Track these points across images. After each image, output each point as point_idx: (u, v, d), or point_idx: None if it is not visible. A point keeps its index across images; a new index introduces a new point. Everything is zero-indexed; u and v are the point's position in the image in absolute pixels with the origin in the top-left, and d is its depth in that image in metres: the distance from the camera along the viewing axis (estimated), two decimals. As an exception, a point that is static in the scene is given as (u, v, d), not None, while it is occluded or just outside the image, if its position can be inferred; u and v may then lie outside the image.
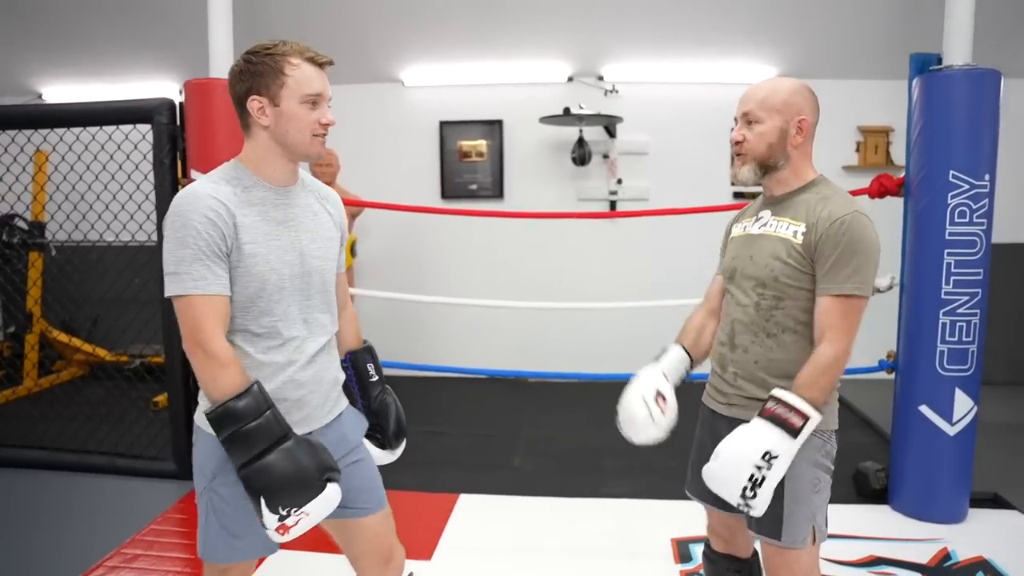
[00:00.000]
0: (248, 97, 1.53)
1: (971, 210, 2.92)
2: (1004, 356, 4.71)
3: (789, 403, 1.55)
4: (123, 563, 2.75)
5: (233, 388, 1.43)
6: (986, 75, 2.92)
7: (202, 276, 1.44)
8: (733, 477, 1.55)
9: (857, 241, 1.60)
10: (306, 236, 1.61)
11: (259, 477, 1.42)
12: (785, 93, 1.70)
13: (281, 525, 1.43)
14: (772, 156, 1.72)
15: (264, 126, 1.54)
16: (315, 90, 1.53)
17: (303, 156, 1.58)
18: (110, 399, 4.28)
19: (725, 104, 5.30)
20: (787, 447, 1.54)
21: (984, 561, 2.73)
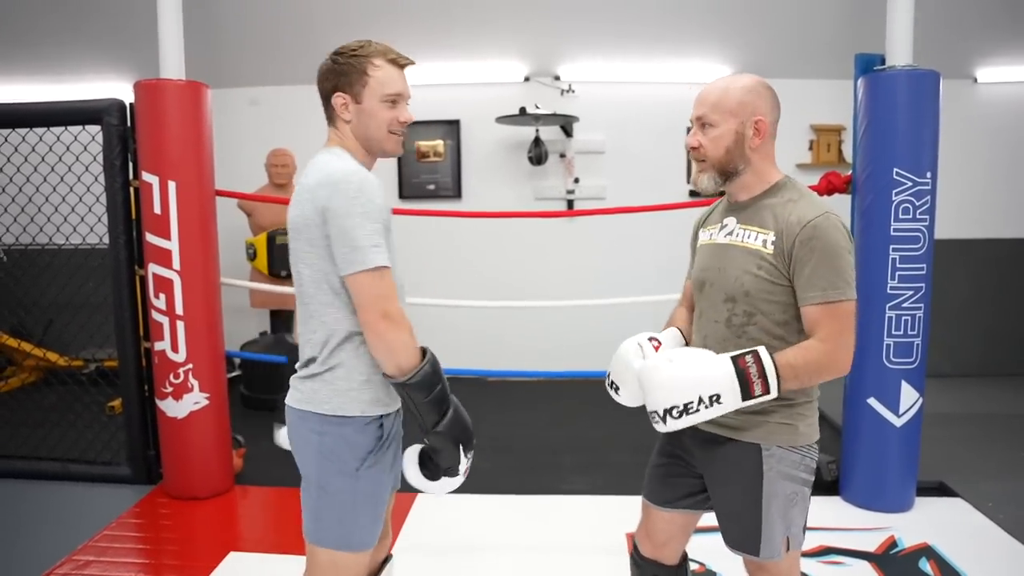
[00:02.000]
0: (334, 94, 1.62)
1: (914, 207, 3.01)
2: (947, 349, 4.85)
3: (763, 370, 1.48)
4: (74, 570, 2.70)
5: (419, 354, 1.56)
6: (926, 76, 3.01)
7: (385, 249, 1.53)
8: (674, 393, 1.50)
9: (832, 244, 1.52)
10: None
11: (456, 427, 1.59)
12: (739, 93, 1.62)
13: (466, 468, 1.64)
14: (731, 161, 1.63)
15: (347, 120, 1.63)
16: (395, 90, 1.63)
17: (379, 151, 1.67)
18: (63, 404, 4.20)
19: (680, 103, 5.37)
20: (732, 403, 1.49)
21: (928, 547, 2.82)
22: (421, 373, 1.53)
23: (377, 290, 1.51)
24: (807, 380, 1.54)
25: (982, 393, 5.07)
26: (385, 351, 1.53)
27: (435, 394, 1.56)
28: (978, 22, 4.95)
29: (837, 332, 1.52)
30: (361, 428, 1.60)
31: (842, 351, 1.53)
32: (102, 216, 3.52)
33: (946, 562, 2.71)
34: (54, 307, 4.30)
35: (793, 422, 1.63)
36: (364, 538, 1.65)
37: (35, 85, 5.32)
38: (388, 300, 1.52)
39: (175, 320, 3.23)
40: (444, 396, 1.58)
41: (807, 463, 1.66)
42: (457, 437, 1.59)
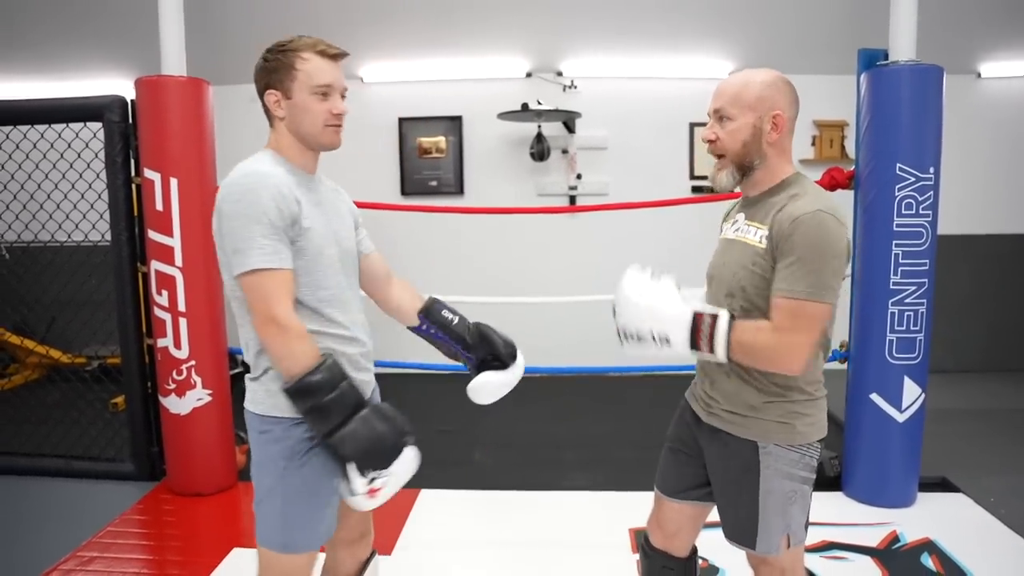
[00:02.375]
0: (266, 92, 1.62)
1: (917, 202, 3.00)
2: (950, 345, 4.85)
3: (714, 331, 1.53)
4: (78, 566, 2.71)
5: (311, 360, 1.48)
6: (930, 71, 3.00)
7: (273, 251, 1.49)
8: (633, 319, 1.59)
9: (815, 243, 1.48)
10: (336, 220, 1.68)
11: (345, 444, 1.49)
12: (758, 87, 1.60)
13: (371, 489, 1.50)
14: (747, 155, 1.62)
15: (280, 117, 1.62)
16: (325, 81, 1.59)
17: (318, 145, 1.64)
18: (66, 401, 4.21)
19: (682, 98, 5.44)
20: (681, 350, 1.56)
21: (930, 542, 2.82)
22: (301, 382, 1.47)
23: (260, 292, 1.49)
24: (753, 361, 1.56)
25: (984, 388, 5.06)
26: (272, 354, 1.52)
27: (321, 404, 1.48)
28: (981, 17, 4.93)
29: (791, 329, 1.50)
30: (288, 429, 1.57)
31: (792, 350, 1.51)
32: (104, 213, 3.53)
33: (948, 557, 2.71)
34: (57, 304, 4.31)
35: (790, 421, 1.62)
36: (299, 540, 1.61)
37: (37, 82, 5.31)
38: (272, 303, 1.48)
39: (177, 317, 3.23)
40: (335, 408, 1.49)
41: (807, 461, 1.64)
42: (348, 455, 1.50)
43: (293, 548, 1.61)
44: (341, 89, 1.63)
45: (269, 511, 1.61)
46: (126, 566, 2.71)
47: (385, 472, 1.52)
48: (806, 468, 1.65)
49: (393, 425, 1.55)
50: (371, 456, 1.50)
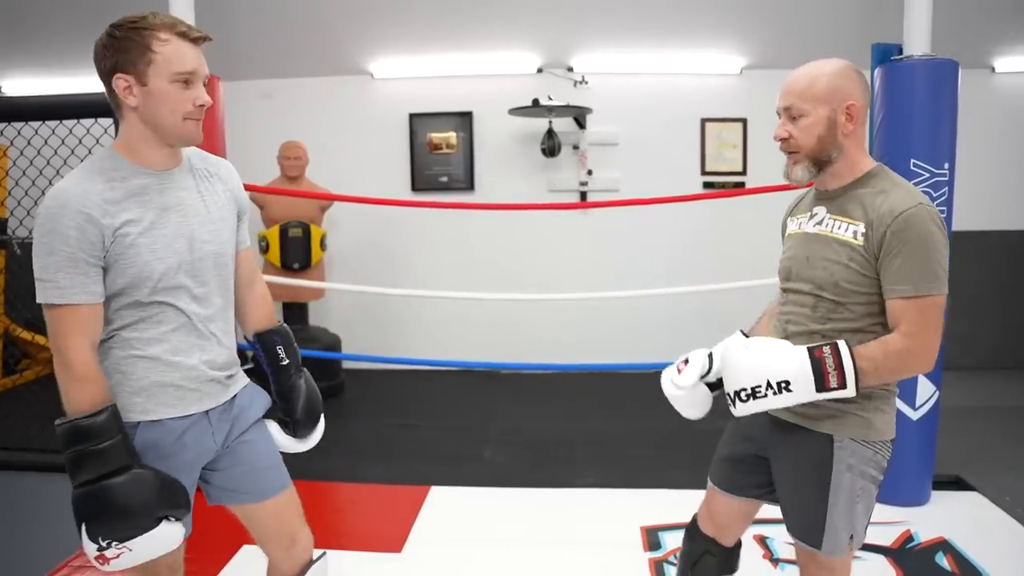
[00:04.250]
0: (113, 75, 1.41)
1: (932, 198, 2.96)
2: (964, 342, 4.79)
3: (840, 362, 1.44)
4: (88, 562, 2.71)
5: (84, 404, 1.38)
6: (944, 65, 2.96)
7: (68, 285, 1.38)
8: (746, 375, 1.49)
9: (924, 237, 1.47)
10: (195, 220, 1.52)
11: (84, 503, 1.37)
12: (828, 78, 1.56)
13: (100, 555, 1.37)
14: (824, 149, 1.58)
15: (132, 107, 1.43)
16: (187, 68, 1.42)
17: (176, 140, 1.48)
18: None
19: (694, 94, 5.41)
20: (803, 395, 1.46)
21: (944, 541, 2.79)
22: (65, 425, 1.37)
23: (52, 327, 1.41)
24: (887, 375, 1.51)
25: (999, 386, 5.02)
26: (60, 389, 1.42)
27: (78, 453, 1.36)
28: (995, 11, 4.88)
29: (922, 327, 1.47)
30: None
31: (927, 347, 1.49)
32: (115, 209, 3.52)
33: (963, 556, 2.68)
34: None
35: (868, 415, 1.59)
36: None
37: (48, 78, 5.34)
38: (60, 339, 1.39)
39: (188, 313, 3.22)
40: (89, 463, 1.36)
41: (879, 460, 1.61)
42: (83, 515, 1.37)
43: None
44: (204, 77, 1.47)
45: None
46: (137, 562, 2.71)
47: (119, 544, 1.37)
48: (877, 467, 1.61)
49: (148, 497, 1.39)
50: (102, 524, 1.36)
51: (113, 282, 1.43)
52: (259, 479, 1.67)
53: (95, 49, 1.44)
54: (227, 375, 1.62)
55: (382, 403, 4.77)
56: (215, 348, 1.58)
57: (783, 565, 2.64)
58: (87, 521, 1.37)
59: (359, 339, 5.08)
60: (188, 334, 1.52)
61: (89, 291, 1.40)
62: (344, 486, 3.31)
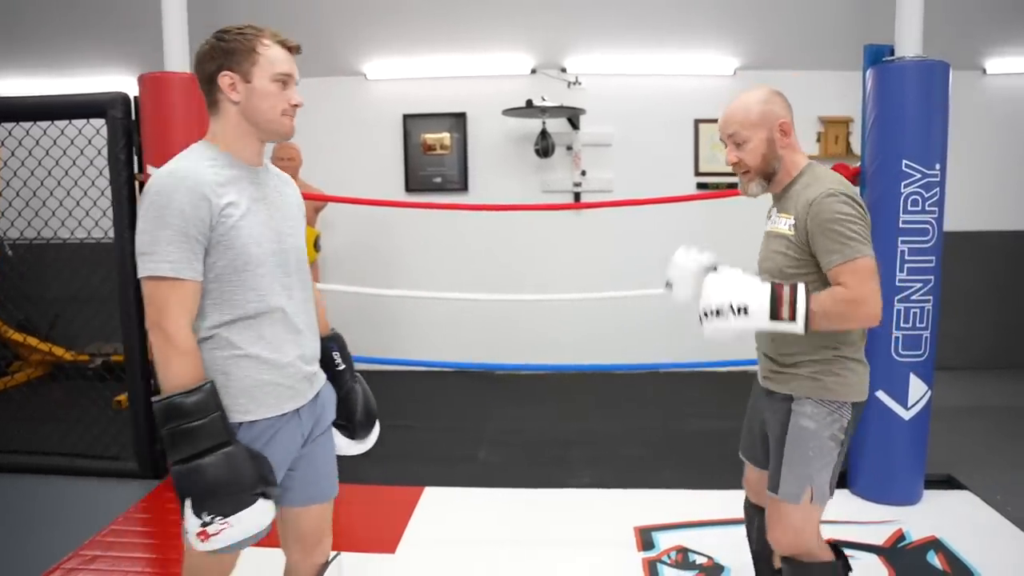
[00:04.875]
0: (219, 73, 1.53)
1: (923, 198, 2.98)
2: (955, 341, 4.81)
3: (794, 298, 1.66)
4: (81, 565, 2.71)
5: (185, 379, 1.42)
6: (936, 66, 2.98)
7: (177, 259, 1.43)
8: (714, 296, 1.71)
9: (834, 214, 1.71)
10: (278, 215, 1.61)
11: (189, 478, 1.40)
12: (758, 106, 1.85)
13: (202, 531, 1.40)
14: (768, 164, 1.87)
15: (235, 102, 1.54)
16: (286, 70, 1.56)
17: (273, 133, 1.59)
18: (70, 399, 4.21)
19: (687, 95, 5.41)
20: (761, 320, 1.67)
21: (936, 540, 2.80)
22: (167, 401, 1.41)
23: (156, 300, 1.44)
24: (836, 320, 1.71)
25: (991, 385, 5.04)
26: (155, 364, 1.46)
27: (180, 429, 1.40)
28: (987, 13, 4.90)
29: (859, 281, 1.69)
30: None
31: (867, 298, 1.69)
32: (107, 210, 3.52)
33: (954, 555, 2.69)
34: (60, 302, 4.31)
35: (823, 378, 1.82)
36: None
37: (40, 79, 5.32)
38: (164, 313, 1.43)
39: (181, 314, 3.21)
40: (192, 438, 1.41)
41: (835, 419, 1.82)
42: (188, 490, 1.41)
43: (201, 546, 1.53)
44: (296, 81, 1.60)
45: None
46: (129, 565, 2.71)
47: (223, 520, 1.41)
48: (832, 425, 1.82)
49: (249, 473, 1.44)
50: (210, 499, 1.40)
51: (212, 264, 1.49)
52: (318, 484, 1.74)
53: (199, 53, 1.57)
54: (314, 371, 1.70)
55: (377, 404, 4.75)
56: (305, 341, 1.65)
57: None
58: (193, 496, 1.40)
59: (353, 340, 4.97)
60: (283, 328, 1.58)
61: (195, 268, 1.46)
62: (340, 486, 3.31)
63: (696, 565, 2.66)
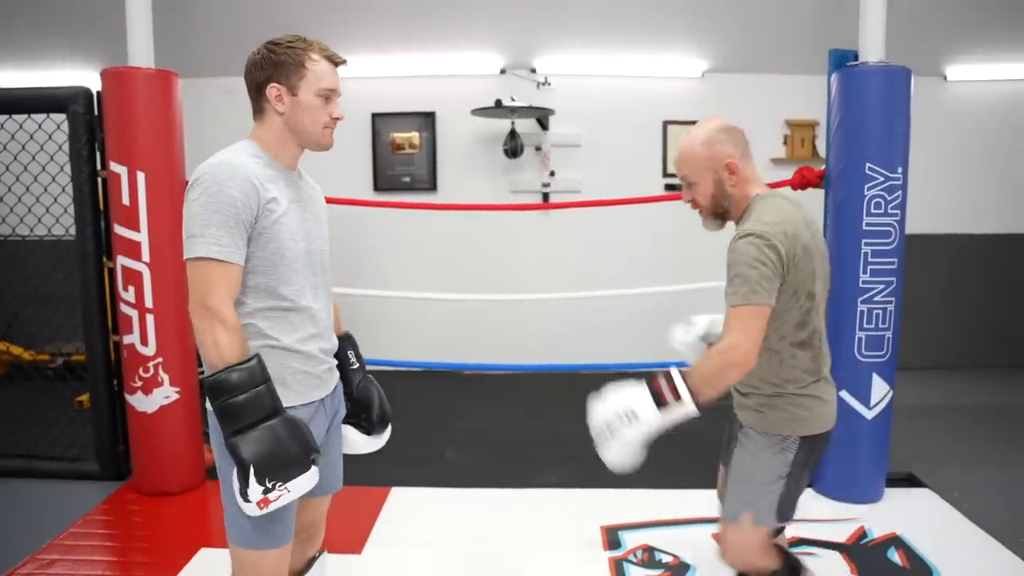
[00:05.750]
0: (268, 84, 1.60)
1: (886, 201, 3.04)
2: (917, 342, 4.91)
3: (670, 379, 1.64)
4: (38, 569, 2.65)
5: (235, 353, 1.47)
6: (898, 72, 3.04)
7: (228, 243, 1.49)
8: (600, 416, 1.69)
9: (738, 257, 1.71)
10: (311, 218, 1.69)
11: (250, 448, 1.44)
12: (701, 148, 1.84)
13: (264, 498, 1.45)
14: (718, 203, 1.87)
15: (279, 112, 1.62)
16: (331, 85, 1.63)
17: (313, 144, 1.67)
18: (29, 399, 4.12)
19: (656, 97, 5.45)
20: (651, 415, 1.64)
21: (897, 537, 2.86)
22: (218, 376, 1.45)
23: (203, 280, 1.49)
24: (714, 378, 1.66)
25: (950, 385, 5.16)
26: (199, 341, 1.51)
27: (234, 403, 1.45)
28: (949, 20, 5.01)
29: (737, 330, 1.68)
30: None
31: (737, 344, 1.66)
32: (68, 207, 3.45)
33: (914, 551, 2.75)
34: (19, 300, 4.22)
35: (764, 411, 1.85)
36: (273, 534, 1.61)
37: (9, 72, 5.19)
38: (212, 292, 1.48)
39: (144, 313, 3.17)
40: (247, 410, 1.45)
41: (778, 451, 1.83)
42: (249, 460, 1.44)
43: (267, 544, 1.60)
44: (339, 95, 1.67)
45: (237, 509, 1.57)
46: (89, 568, 2.66)
47: (283, 485, 1.46)
48: (776, 459, 1.83)
49: (302, 440, 1.50)
50: (273, 467, 1.45)
51: (251, 255, 1.55)
52: (326, 476, 1.76)
53: (250, 62, 1.64)
54: (334, 364, 1.78)
55: (344, 404, 4.73)
56: (327, 336, 1.73)
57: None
58: (258, 466, 1.44)
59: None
60: (310, 323, 1.65)
61: (241, 254, 1.52)
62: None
63: (662, 564, 2.68)
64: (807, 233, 1.77)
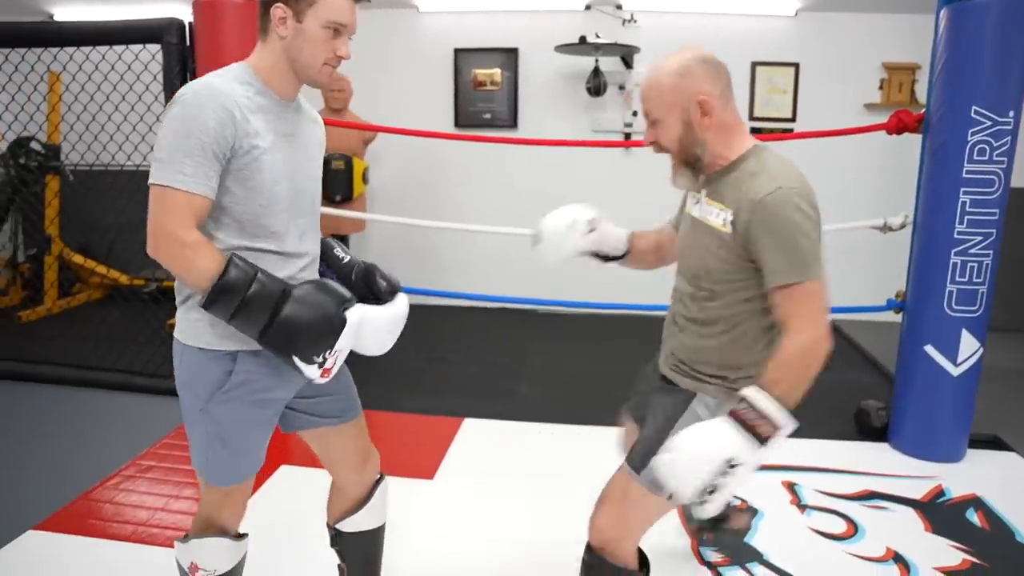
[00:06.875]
0: (275, 2, 1.46)
1: (991, 148, 2.85)
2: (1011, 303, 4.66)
3: (759, 408, 1.38)
4: (138, 473, 2.86)
5: (214, 267, 1.38)
6: (1019, 5, 2.79)
7: (192, 173, 1.38)
8: (690, 478, 1.37)
9: (782, 223, 1.45)
10: (302, 154, 1.58)
11: (283, 336, 1.40)
12: (669, 79, 1.56)
13: (323, 370, 1.44)
14: (685, 150, 1.59)
15: (281, 36, 1.48)
16: (342, 19, 1.48)
17: (308, 80, 1.53)
18: (126, 320, 4.36)
19: (745, 36, 5.25)
20: (753, 455, 1.37)
21: (977, 498, 2.77)
22: (213, 290, 1.37)
23: (164, 207, 1.38)
24: (797, 379, 1.43)
25: (1046, 349, 4.90)
26: (174, 271, 1.43)
27: (243, 303, 1.38)
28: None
29: (808, 318, 1.44)
30: (208, 362, 1.52)
31: (818, 339, 1.44)
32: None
33: (995, 513, 2.67)
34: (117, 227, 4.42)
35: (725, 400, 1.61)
36: (218, 474, 1.60)
37: (97, 6, 5.35)
38: (168, 215, 1.37)
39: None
40: (258, 303, 1.39)
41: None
42: (289, 347, 1.41)
43: (213, 481, 1.62)
44: (352, 32, 1.52)
45: (193, 441, 1.60)
46: (180, 476, 2.84)
47: (333, 350, 1.43)
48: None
49: (328, 300, 1.44)
50: (313, 344, 1.42)
51: (228, 189, 1.45)
52: (344, 403, 1.76)
53: None
54: None
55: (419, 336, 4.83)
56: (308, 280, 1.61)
57: (810, 511, 2.66)
58: (298, 347, 1.41)
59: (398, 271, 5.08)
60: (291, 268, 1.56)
61: (209, 186, 1.41)
62: (380, 415, 3.38)
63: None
64: None
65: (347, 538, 1.87)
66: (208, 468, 1.61)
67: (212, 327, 1.50)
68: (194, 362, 1.54)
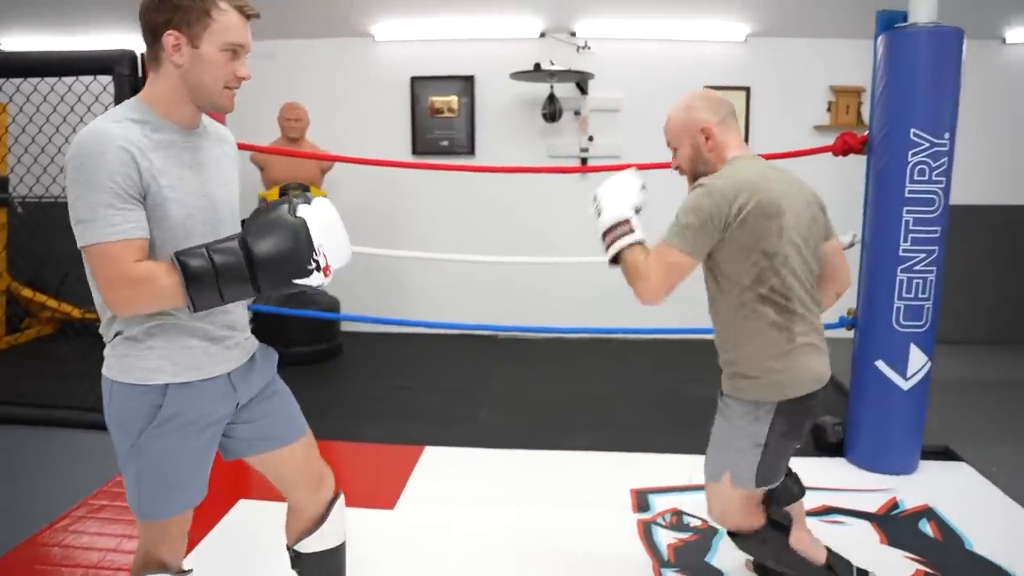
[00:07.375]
0: (166, 30, 1.41)
1: (930, 168, 2.96)
2: (958, 316, 4.81)
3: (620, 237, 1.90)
4: (89, 513, 2.78)
5: (174, 277, 1.36)
6: (949, 34, 2.93)
7: (120, 221, 1.36)
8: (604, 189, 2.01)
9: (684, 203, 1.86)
10: (214, 180, 1.55)
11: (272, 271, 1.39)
12: (679, 115, 1.98)
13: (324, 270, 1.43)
14: (697, 168, 1.99)
15: (177, 64, 1.44)
16: (239, 40, 1.46)
17: (209, 105, 1.50)
18: (78, 356, 4.26)
19: (698, 61, 5.37)
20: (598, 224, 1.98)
21: (929, 509, 2.83)
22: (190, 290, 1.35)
23: (103, 266, 1.37)
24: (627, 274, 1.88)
25: (992, 360, 5.05)
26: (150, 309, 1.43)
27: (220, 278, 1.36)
28: (1008, -20, 4.82)
29: (651, 262, 1.84)
30: (137, 395, 1.49)
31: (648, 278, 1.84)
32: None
33: (946, 523, 2.72)
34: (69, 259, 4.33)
35: (734, 380, 1.97)
36: (151, 509, 1.57)
37: (47, 36, 5.30)
38: (121, 268, 1.36)
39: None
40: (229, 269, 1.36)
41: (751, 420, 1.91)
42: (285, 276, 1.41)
43: (147, 516, 1.58)
44: (247, 52, 1.49)
45: (128, 477, 1.56)
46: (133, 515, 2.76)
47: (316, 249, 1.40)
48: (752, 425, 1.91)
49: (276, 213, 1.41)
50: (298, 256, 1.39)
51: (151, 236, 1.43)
52: (286, 424, 1.75)
53: (148, 3, 1.44)
54: (245, 336, 1.67)
55: (380, 365, 4.81)
56: (235, 309, 1.62)
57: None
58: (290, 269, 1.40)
59: (358, 301, 5.10)
60: None
61: (141, 226, 1.39)
62: (340, 444, 3.36)
63: (690, 527, 2.70)
64: (773, 191, 1.82)
65: (307, 559, 1.86)
66: (142, 504, 1.57)
67: (141, 361, 1.49)
68: (123, 398, 1.51)
